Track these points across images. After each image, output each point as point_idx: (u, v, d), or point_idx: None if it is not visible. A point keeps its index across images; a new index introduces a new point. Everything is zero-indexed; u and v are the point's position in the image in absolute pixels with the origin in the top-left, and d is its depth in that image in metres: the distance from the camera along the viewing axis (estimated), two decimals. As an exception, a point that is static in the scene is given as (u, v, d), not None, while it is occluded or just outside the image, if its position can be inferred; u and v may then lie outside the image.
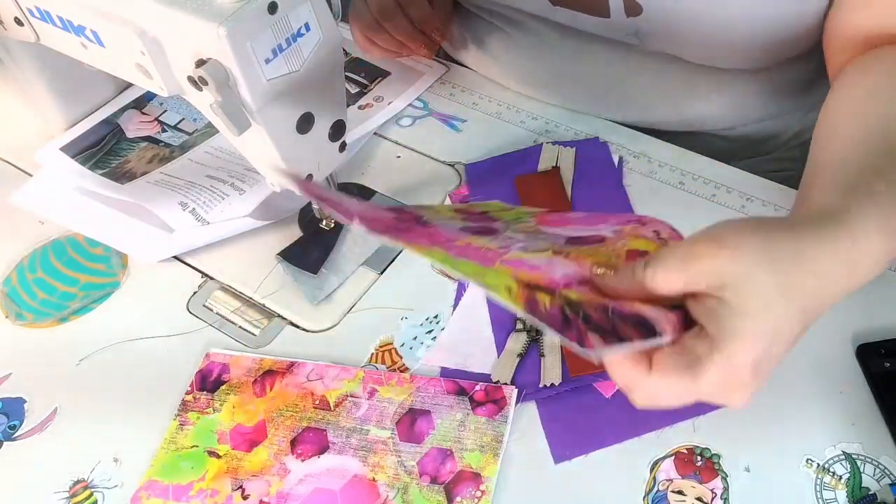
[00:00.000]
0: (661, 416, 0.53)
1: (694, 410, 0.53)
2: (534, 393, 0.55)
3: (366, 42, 0.77)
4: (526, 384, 0.55)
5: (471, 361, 0.57)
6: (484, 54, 0.80)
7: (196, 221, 0.66)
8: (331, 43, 0.52)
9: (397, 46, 0.75)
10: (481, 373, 0.57)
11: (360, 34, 0.77)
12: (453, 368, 0.57)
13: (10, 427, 0.56)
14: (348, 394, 0.56)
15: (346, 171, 0.71)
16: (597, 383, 0.55)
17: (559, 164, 0.69)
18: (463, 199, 0.68)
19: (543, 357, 0.57)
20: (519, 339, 0.58)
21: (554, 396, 0.55)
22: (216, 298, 0.62)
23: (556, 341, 0.57)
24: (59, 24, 0.55)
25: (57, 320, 0.62)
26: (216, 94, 0.48)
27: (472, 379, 0.56)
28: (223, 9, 0.46)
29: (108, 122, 0.77)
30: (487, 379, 0.56)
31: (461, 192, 0.69)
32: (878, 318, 0.57)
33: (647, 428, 0.53)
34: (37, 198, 0.70)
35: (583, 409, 0.54)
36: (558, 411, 0.54)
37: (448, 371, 0.57)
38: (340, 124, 0.58)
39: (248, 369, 0.58)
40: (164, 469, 0.53)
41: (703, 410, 0.53)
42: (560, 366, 0.56)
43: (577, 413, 0.54)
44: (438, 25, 0.74)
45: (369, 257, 0.64)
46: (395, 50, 0.76)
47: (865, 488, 0.50)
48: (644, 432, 0.53)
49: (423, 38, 0.74)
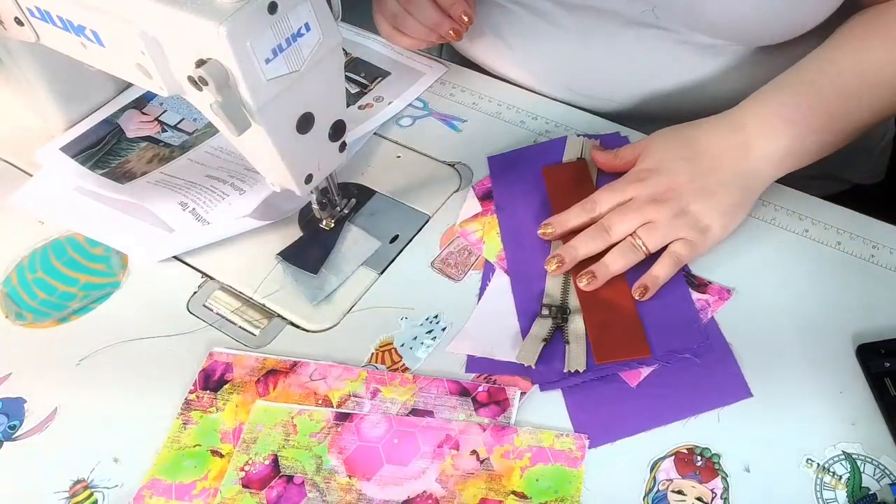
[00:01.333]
0: (686, 407, 0.54)
1: (717, 401, 0.54)
2: (557, 380, 0.55)
3: (392, 32, 0.75)
4: (550, 371, 0.56)
5: (497, 350, 0.58)
6: (492, 39, 0.79)
7: (196, 221, 0.66)
8: (331, 43, 0.52)
9: (425, 34, 0.74)
10: (507, 361, 0.57)
11: (385, 24, 0.75)
12: (479, 357, 0.57)
13: (10, 427, 0.56)
14: (351, 394, 0.56)
15: (346, 171, 0.71)
16: (622, 373, 0.55)
17: (584, 156, 0.69)
18: (486, 191, 0.68)
19: (568, 344, 0.57)
20: (544, 324, 0.58)
21: (579, 385, 0.55)
22: (216, 298, 0.62)
23: (581, 329, 0.58)
24: (59, 24, 0.55)
25: (57, 320, 0.62)
26: (216, 94, 0.48)
27: (498, 368, 0.57)
28: (223, 9, 0.46)
29: (108, 122, 0.77)
30: (513, 367, 0.56)
31: (484, 185, 0.69)
32: (878, 318, 0.57)
33: (673, 417, 0.53)
34: (37, 198, 0.70)
35: (608, 397, 0.55)
36: (584, 400, 0.55)
37: (473, 360, 0.57)
38: (340, 124, 0.58)
39: (251, 369, 0.58)
40: (167, 468, 0.53)
41: (726, 402, 0.54)
42: (585, 354, 0.56)
43: (603, 401, 0.54)
44: (465, 7, 0.72)
45: (369, 257, 0.64)
46: (423, 38, 0.74)
47: (865, 488, 0.50)
48: (670, 421, 0.53)
49: (450, 22, 0.73)
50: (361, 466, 0.52)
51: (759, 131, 0.61)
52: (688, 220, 0.60)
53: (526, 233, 0.64)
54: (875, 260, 0.61)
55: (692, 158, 0.61)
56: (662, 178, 0.61)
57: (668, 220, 0.59)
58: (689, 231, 0.60)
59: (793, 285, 0.60)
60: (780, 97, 0.62)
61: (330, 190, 0.64)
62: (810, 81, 0.63)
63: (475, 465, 0.52)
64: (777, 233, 0.63)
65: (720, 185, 0.60)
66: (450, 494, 0.51)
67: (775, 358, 0.56)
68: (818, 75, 0.63)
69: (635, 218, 0.60)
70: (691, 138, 0.63)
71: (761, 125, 0.61)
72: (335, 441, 0.53)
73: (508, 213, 0.66)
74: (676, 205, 0.60)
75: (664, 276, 0.59)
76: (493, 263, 0.63)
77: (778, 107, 0.62)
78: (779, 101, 0.62)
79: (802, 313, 0.58)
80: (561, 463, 0.51)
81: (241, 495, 0.51)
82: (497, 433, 0.53)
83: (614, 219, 0.60)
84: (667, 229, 0.59)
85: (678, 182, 0.60)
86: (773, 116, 0.61)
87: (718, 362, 0.56)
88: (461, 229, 0.66)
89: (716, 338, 0.57)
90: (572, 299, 0.60)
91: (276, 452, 0.53)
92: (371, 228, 0.66)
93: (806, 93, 0.62)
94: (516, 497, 0.50)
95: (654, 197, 0.60)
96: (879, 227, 0.63)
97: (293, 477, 0.52)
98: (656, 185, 0.61)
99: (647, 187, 0.61)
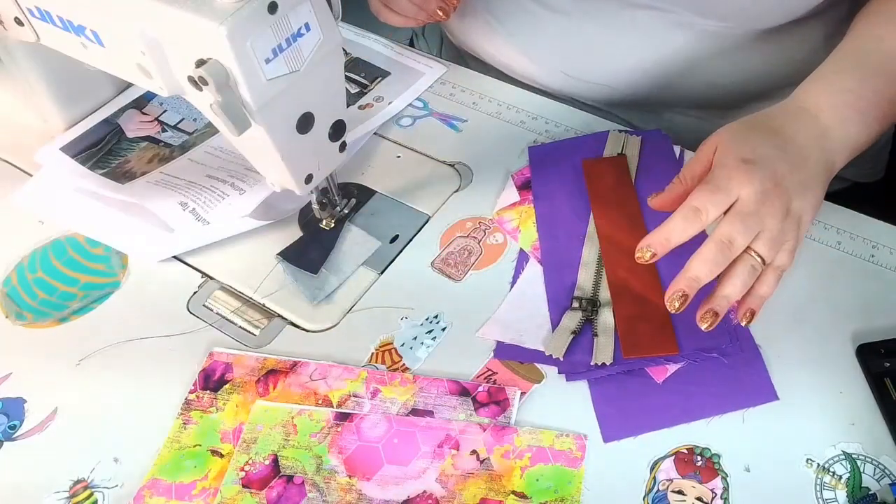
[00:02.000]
0: (711, 407, 0.54)
1: (743, 402, 0.54)
2: (584, 372, 0.55)
3: (382, 8, 0.76)
4: (577, 363, 0.56)
5: (526, 337, 0.58)
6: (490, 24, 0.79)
7: (196, 221, 0.66)
8: (331, 43, 0.52)
9: (414, 12, 0.75)
10: (535, 349, 0.57)
11: (376, 1, 0.76)
12: (508, 343, 0.58)
13: (10, 427, 0.56)
14: (351, 394, 0.56)
15: (346, 171, 0.71)
16: (649, 368, 0.56)
17: (625, 152, 0.69)
18: (525, 180, 0.69)
19: (597, 337, 0.57)
20: (574, 317, 0.58)
21: (605, 378, 0.55)
22: (216, 298, 0.62)
23: (610, 323, 0.58)
24: (59, 24, 0.55)
25: (57, 320, 0.62)
26: (216, 94, 0.48)
27: (526, 356, 0.57)
28: (223, 9, 0.46)
29: (108, 122, 0.77)
30: (540, 355, 0.57)
31: (523, 174, 0.69)
32: (878, 318, 0.57)
33: (697, 416, 0.53)
34: (37, 198, 0.70)
35: (634, 392, 0.55)
36: (609, 392, 0.55)
37: (501, 347, 0.58)
38: (340, 124, 0.58)
39: (252, 369, 0.58)
40: (167, 468, 0.53)
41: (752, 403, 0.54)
42: (613, 347, 0.56)
43: (628, 395, 0.55)
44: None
45: (369, 257, 0.64)
46: (412, 16, 0.76)
47: (865, 488, 0.50)
48: (694, 419, 0.53)
49: (438, 0, 0.74)
50: (361, 466, 0.52)
51: (833, 120, 0.57)
52: (792, 221, 0.54)
53: (561, 224, 0.65)
54: (875, 260, 0.61)
55: (784, 147, 0.55)
56: (766, 171, 0.53)
57: (780, 226, 0.53)
58: (794, 234, 0.54)
59: (793, 285, 0.60)
60: (847, 82, 0.58)
61: (330, 190, 0.64)
62: (866, 65, 0.59)
63: (475, 465, 0.52)
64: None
65: (813, 177, 0.55)
66: (450, 494, 0.51)
67: (775, 357, 0.56)
68: (875, 56, 0.59)
69: (754, 227, 0.52)
70: (772, 128, 0.56)
71: (834, 114, 0.57)
72: (335, 441, 0.53)
73: (546, 204, 0.67)
74: (784, 204, 0.53)
75: (770, 293, 0.54)
76: (527, 252, 0.63)
77: (847, 94, 0.58)
78: (847, 88, 0.58)
79: (802, 313, 0.58)
80: (561, 463, 0.51)
81: (241, 495, 0.51)
82: (497, 433, 0.53)
83: (734, 230, 0.51)
84: (780, 236, 0.53)
85: (781, 174, 0.53)
86: (844, 105, 0.57)
87: (746, 363, 0.56)
88: (498, 217, 0.66)
89: (745, 339, 0.57)
90: (603, 292, 0.60)
91: (276, 452, 0.53)
92: (371, 228, 0.66)
93: (868, 78, 0.58)
94: (516, 497, 0.50)
95: (764, 195, 0.52)
96: (879, 227, 0.63)
97: (293, 477, 0.52)
98: (762, 179, 0.52)
99: (754, 183, 0.52)
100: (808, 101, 0.58)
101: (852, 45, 0.61)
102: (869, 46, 0.60)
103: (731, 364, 0.55)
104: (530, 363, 0.57)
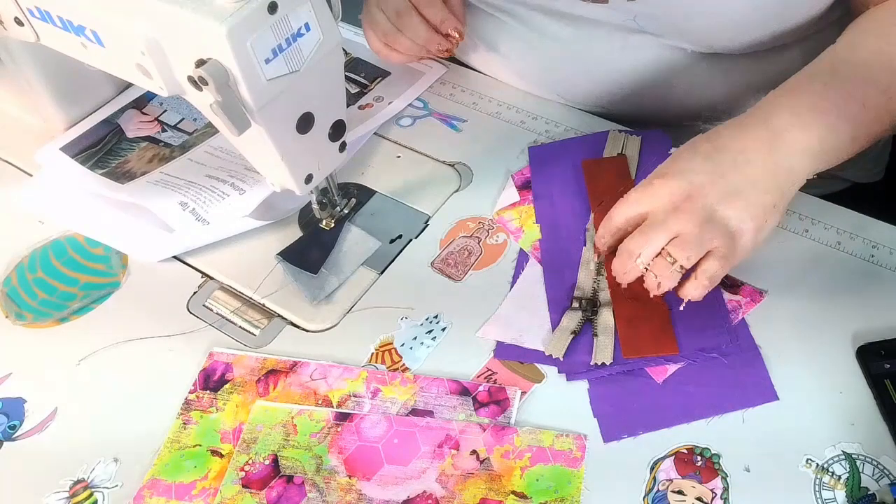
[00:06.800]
0: (711, 407, 0.54)
1: (743, 402, 0.54)
2: (584, 372, 0.55)
3: (384, 49, 0.75)
4: (577, 363, 0.56)
5: (525, 337, 0.58)
6: (485, 48, 0.80)
7: (196, 221, 0.66)
8: (331, 43, 0.52)
9: (417, 50, 0.74)
10: (535, 349, 0.57)
11: (377, 41, 0.75)
12: (508, 343, 0.58)
13: (10, 427, 0.56)
14: (351, 394, 0.56)
15: (346, 171, 0.71)
16: (649, 368, 0.56)
17: (625, 152, 0.69)
18: (525, 180, 0.69)
19: (597, 337, 0.57)
20: (574, 317, 0.58)
21: (605, 378, 0.55)
22: (216, 298, 0.62)
23: (610, 323, 0.58)
24: (59, 24, 0.55)
25: (57, 320, 0.62)
26: (216, 94, 0.48)
27: (526, 356, 0.57)
28: (223, 9, 0.46)
29: (108, 122, 0.77)
30: (540, 355, 0.57)
31: (523, 174, 0.69)
32: (878, 318, 0.57)
33: (697, 416, 0.53)
34: (37, 198, 0.70)
35: (633, 392, 0.55)
36: (609, 392, 0.55)
37: (501, 346, 0.58)
38: (340, 124, 0.58)
39: (252, 369, 0.58)
40: (167, 468, 0.53)
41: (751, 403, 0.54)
42: (613, 347, 0.56)
43: (628, 395, 0.55)
44: (456, 24, 0.73)
45: (369, 257, 0.64)
46: (413, 55, 0.75)
47: (865, 488, 0.50)
48: (693, 419, 0.53)
49: (441, 38, 0.73)
50: (361, 466, 0.52)
51: (790, 123, 0.55)
52: (715, 227, 0.53)
53: (562, 224, 0.65)
54: (875, 260, 0.61)
55: (712, 155, 0.55)
56: (677, 182, 0.54)
57: (696, 231, 0.52)
58: (722, 239, 0.53)
59: (793, 285, 0.60)
60: (810, 86, 0.58)
61: (330, 190, 0.64)
62: (834, 71, 0.59)
63: (475, 465, 0.52)
64: (777, 233, 0.63)
65: (749, 183, 0.54)
66: (450, 494, 0.51)
67: (775, 357, 0.56)
68: (843, 65, 0.59)
69: (659, 234, 0.53)
70: (711, 135, 0.57)
71: (791, 117, 0.56)
72: (335, 441, 0.53)
73: (546, 204, 0.67)
74: (700, 211, 0.53)
75: (696, 296, 0.54)
76: (527, 252, 0.64)
77: (808, 96, 0.57)
78: (808, 91, 0.57)
79: (802, 313, 0.58)
80: (561, 463, 0.51)
81: (241, 495, 0.51)
82: (497, 433, 0.53)
83: (633, 243, 0.54)
84: (696, 241, 0.52)
85: (697, 184, 0.54)
86: (803, 107, 0.56)
87: (746, 363, 0.56)
88: (498, 217, 0.67)
89: (745, 339, 0.57)
90: (603, 292, 0.60)
91: (276, 452, 0.53)
92: (371, 228, 0.66)
93: (833, 82, 0.57)
94: (516, 497, 0.50)
95: (673, 205, 0.53)
96: (879, 227, 0.63)
97: (293, 477, 0.52)
98: (671, 192, 0.54)
99: (662, 197, 0.54)
100: (761, 107, 0.57)
101: (827, 55, 0.61)
102: (843, 55, 0.60)
103: (730, 364, 0.55)
104: (530, 363, 0.57)
